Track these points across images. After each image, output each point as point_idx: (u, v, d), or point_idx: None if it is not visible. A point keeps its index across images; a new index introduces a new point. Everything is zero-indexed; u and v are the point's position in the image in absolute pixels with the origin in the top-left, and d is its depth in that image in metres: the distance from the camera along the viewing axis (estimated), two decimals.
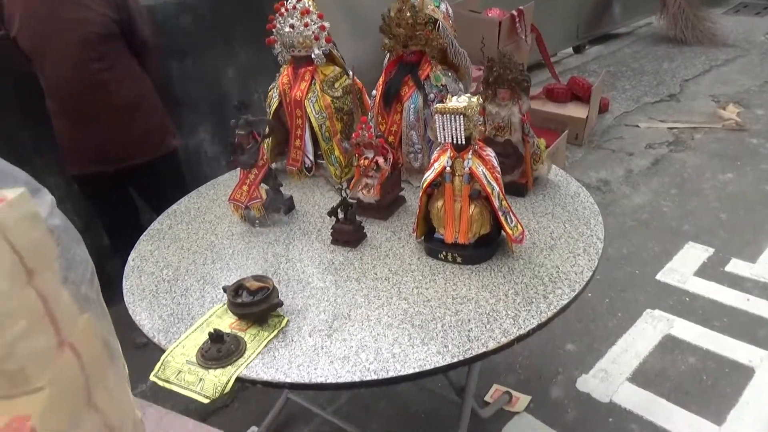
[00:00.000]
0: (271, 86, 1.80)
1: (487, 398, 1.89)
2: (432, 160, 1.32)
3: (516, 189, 1.53)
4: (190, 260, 1.39)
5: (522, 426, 1.79)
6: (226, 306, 1.17)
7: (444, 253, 1.28)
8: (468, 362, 1.01)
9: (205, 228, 1.54)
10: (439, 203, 1.29)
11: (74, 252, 0.64)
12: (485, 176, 1.24)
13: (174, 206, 1.67)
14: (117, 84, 1.91)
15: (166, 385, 1.02)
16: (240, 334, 1.09)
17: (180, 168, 2.22)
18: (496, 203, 1.24)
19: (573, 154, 3.54)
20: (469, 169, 1.24)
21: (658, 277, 2.41)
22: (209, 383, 0.99)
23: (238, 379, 1.00)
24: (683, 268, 2.45)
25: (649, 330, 2.14)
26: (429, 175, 1.29)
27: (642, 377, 1.94)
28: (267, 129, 1.55)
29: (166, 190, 1.91)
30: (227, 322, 1.13)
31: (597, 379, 1.94)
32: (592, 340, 2.11)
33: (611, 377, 1.94)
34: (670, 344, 2.07)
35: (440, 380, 1.94)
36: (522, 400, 1.86)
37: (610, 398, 1.87)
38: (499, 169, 1.29)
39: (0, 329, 0.49)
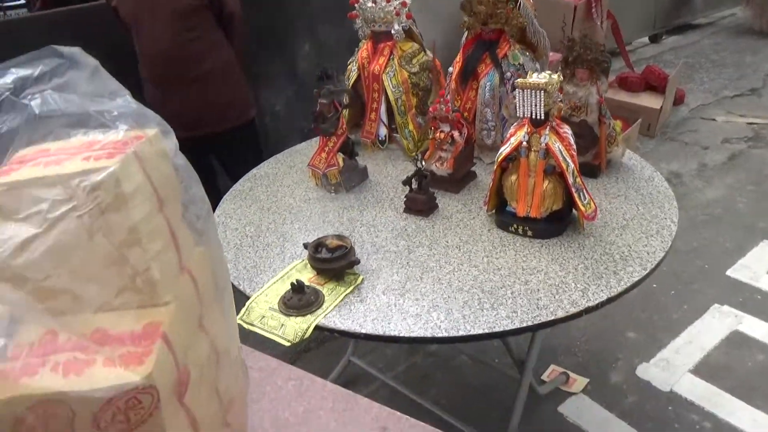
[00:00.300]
0: (350, 60, 1.86)
1: (544, 377, 1.91)
2: (508, 135, 1.35)
3: (589, 170, 1.54)
4: (270, 219, 1.47)
5: (579, 406, 1.80)
6: (305, 262, 1.24)
7: (515, 226, 1.31)
8: (536, 328, 1.05)
9: (283, 191, 1.62)
10: (513, 177, 1.31)
11: (194, 190, 0.71)
12: (561, 153, 1.26)
13: (254, 170, 1.77)
14: (205, 54, 2.02)
15: (251, 328, 1.10)
16: (318, 287, 1.16)
17: (257, 137, 2.33)
18: (570, 180, 1.26)
19: (644, 145, 3.46)
20: (546, 144, 1.26)
21: (729, 272, 2.34)
22: (290, 328, 1.07)
23: (317, 327, 1.07)
24: (756, 265, 2.37)
25: (715, 324, 2.09)
26: (504, 149, 1.31)
27: (705, 370, 1.91)
28: (347, 99, 1.61)
29: (244, 158, 2.02)
30: (306, 277, 1.20)
31: (658, 368, 1.92)
32: (654, 329, 2.09)
33: (673, 367, 1.92)
34: (737, 340, 2.02)
35: (497, 355, 1.98)
36: (579, 381, 1.87)
37: (671, 387, 1.85)
38: (575, 146, 1.30)
39: (144, 245, 0.57)
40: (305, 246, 1.22)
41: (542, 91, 1.22)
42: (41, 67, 0.52)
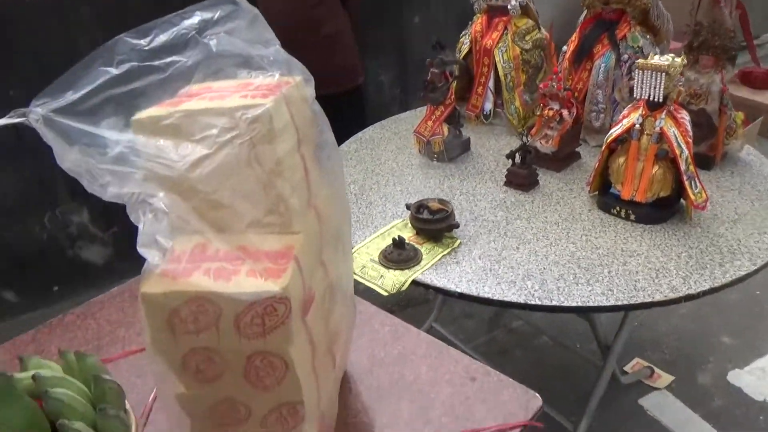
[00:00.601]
0: (463, 33, 1.88)
1: (627, 368, 1.88)
2: (620, 117, 1.33)
3: (702, 161, 1.48)
4: (373, 180, 1.54)
5: (661, 402, 1.77)
6: (405, 221, 1.30)
7: (618, 208, 1.30)
8: (631, 308, 1.05)
9: (387, 156, 1.69)
10: (621, 159, 1.30)
11: (326, 135, 0.78)
12: (676, 138, 1.23)
13: (359, 134, 1.84)
14: (326, 19, 2.11)
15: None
16: (417, 246, 1.22)
17: (363, 103, 2.40)
18: (683, 166, 1.23)
19: (761, 146, 3.22)
20: (660, 128, 1.24)
21: None
22: (389, 280, 1.14)
23: (414, 282, 1.13)
24: None
25: None
26: (615, 131, 1.30)
27: None
28: (457, 71, 1.64)
29: (350, 122, 2.10)
30: (406, 235, 1.26)
31: (753, 376, 1.84)
32: (753, 337, 1.99)
33: None
34: None
35: (580, 341, 1.97)
36: (664, 378, 1.83)
37: (765, 398, 1.77)
38: (691, 133, 1.27)
39: (286, 177, 0.64)
40: (407, 206, 1.28)
41: (664, 74, 1.19)
42: (219, 12, 0.60)
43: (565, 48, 1.71)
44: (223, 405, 0.66)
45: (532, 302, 1.05)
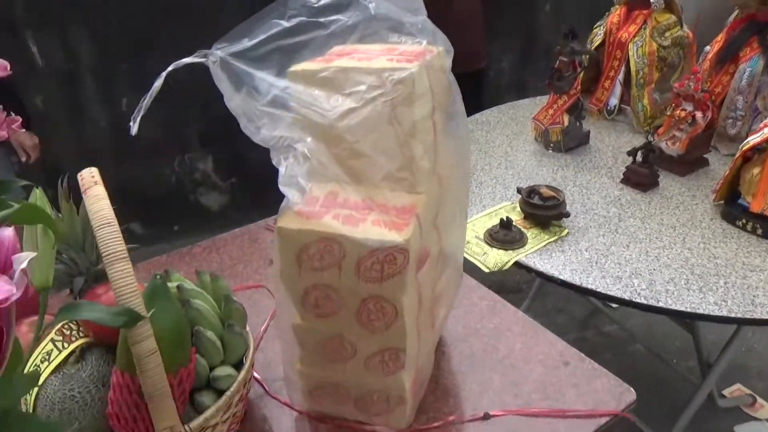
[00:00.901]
0: (598, 24, 1.82)
1: (726, 393, 1.79)
2: (762, 125, 1.25)
3: None
4: (485, 161, 1.55)
5: None
6: (514, 205, 1.31)
7: (744, 220, 1.23)
8: (745, 322, 1.01)
9: (501, 139, 1.69)
10: (756, 170, 1.22)
11: (457, 106, 0.81)
12: None
13: (476, 115, 1.85)
14: (459, 1, 2.13)
15: None
16: (523, 230, 1.23)
17: (482, 86, 2.40)
18: None
19: None
20: None
21: None
22: (492, 258, 1.16)
23: (516, 263, 1.14)
24: None
25: None
26: (754, 138, 1.22)
27: None
28: (586, 61, 1.60)
29: (468, 103, 2.10)
30: (514, 218, 1.27)
31: None
32: None
33: None
34: None
35: (677, 356, 1.89)
36: (767, 408, 1.72)
37: None
38: None
39: (420, 139, 0.68)
40: (518, 190, 1.28)
41: None
42: None
43: (707, 48, 1.62)
44: (333, 341, 0.72)
45: (637, 300, 1.03)
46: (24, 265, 0.35)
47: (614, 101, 1.78)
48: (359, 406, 0.76)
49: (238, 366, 0.72)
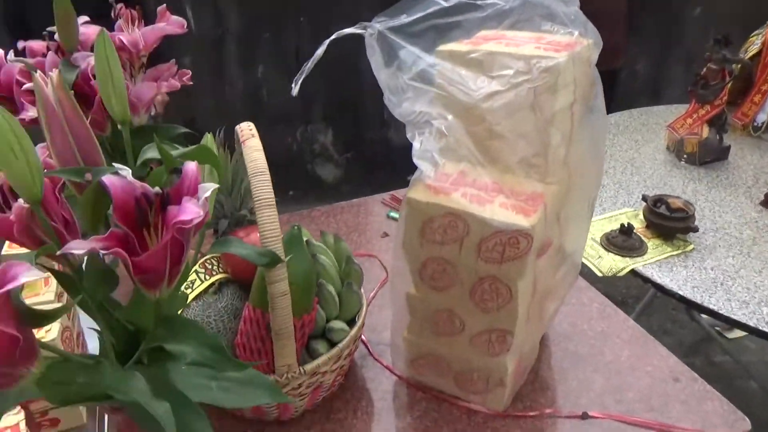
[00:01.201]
0: (756, 32, 1.69)
1: None
2: None
3: None
4: (609, 164, 1.50)
5: None
6: (636, 212, 1.26)
7: None
8: None
9: (629, 144, 1.62)
10: None
11: (598, 100, 0.79)
12: None
13: (608, 116, 1.78)
14: None
15: None
16: (644, 239, 1.18)
17: (613, 87, 2.30)
18: None
19: None
20: None
21: None
22: (606, 262, 1.13)
23: (633, 272, 1.10)
24: None
25: None
26: None
27: None
28: (738, 70, 1.49)
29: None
30: (635, 225, 1.22)
31: None
32: None
33: None
34: None
35: None
36: None
37: None
38: None
39: (559, 128, 0.68)
40: (644, 198, 1.23)
41: None
42: None
43: None
44: (443, 314, 0.74)
45: (765, 329, 0.97)
46: (208, 194, 0.40)
47: (763, 117, 1.65)
48: (458, 382, 0.78)
49: (350, 323, 0.76)
